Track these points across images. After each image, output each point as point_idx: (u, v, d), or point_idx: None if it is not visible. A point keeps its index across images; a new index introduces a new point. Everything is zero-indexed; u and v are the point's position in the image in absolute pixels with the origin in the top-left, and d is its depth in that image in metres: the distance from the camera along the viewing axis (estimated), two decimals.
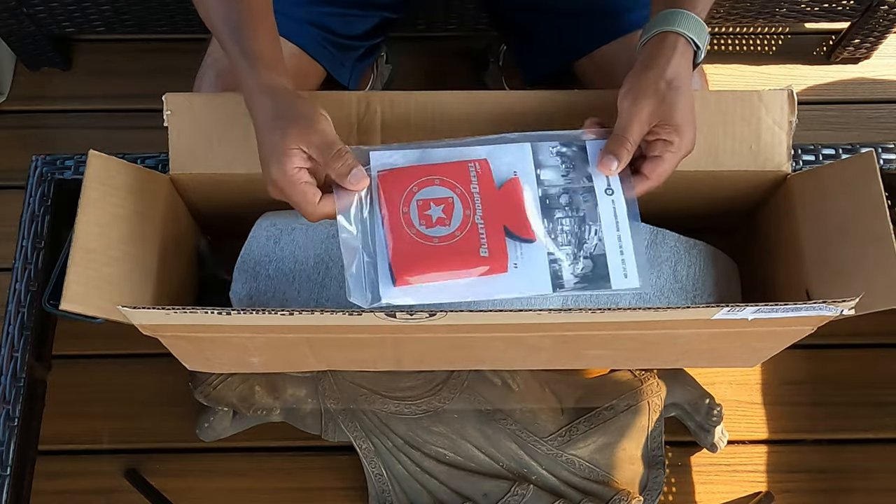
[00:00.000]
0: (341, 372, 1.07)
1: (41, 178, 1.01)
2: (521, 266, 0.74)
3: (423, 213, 0.75)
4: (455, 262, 0.73)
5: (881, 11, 1.46)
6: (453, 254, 0.73)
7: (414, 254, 0.73)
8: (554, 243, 0.75)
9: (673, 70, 0.77)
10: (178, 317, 0.71)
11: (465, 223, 0.75)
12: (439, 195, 0.76)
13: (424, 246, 0.74)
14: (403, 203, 0.75)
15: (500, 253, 0.74)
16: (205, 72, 1.00)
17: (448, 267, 0.73)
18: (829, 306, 0.69)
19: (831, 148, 1.02)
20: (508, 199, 0.76)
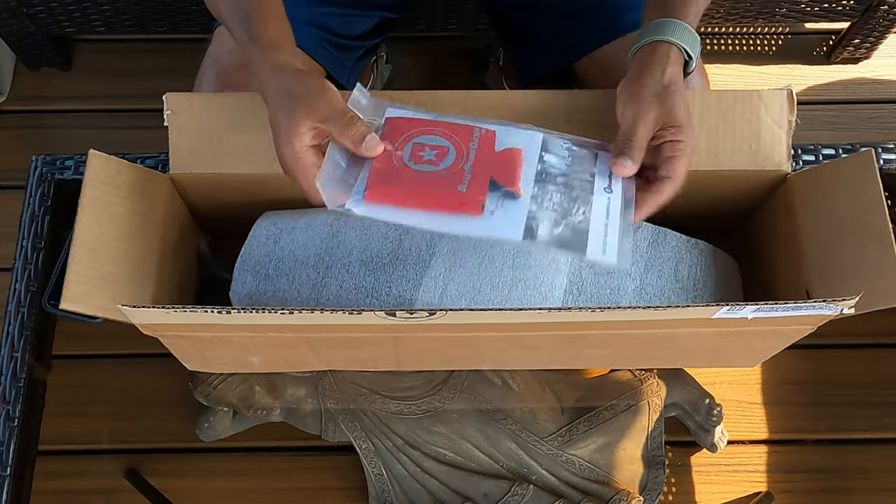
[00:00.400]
0: (341, 372, 1.07)
1: (41, 178, 1.01)
2: (497, 213, 0.73)
3: (416, 153, 0.76)
4: (430, 193, 0.74)
5: (881, 11, 1.47)
6: (431, 185, 0.74)
7: (392, 178, 0.74)
8: (538, 206, 0.74)
9: (668, 76, 0.78)
10: (178, 316, 0.71)
11: (452, 168, 0.75)
12: (436, 143, 0.77)
13: (405, 173, 0.75)
14: (400, 143, 0.77)
15: (478, 193, 0.74)
16: (205, 72, 1.01)
17: (422, 196, 0.74)
18: (828, 305, 0.69)
19: (831, 148, 1.02)
20: (504, 161, 0.77)
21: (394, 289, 0.83)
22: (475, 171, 0.75)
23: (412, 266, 0.84)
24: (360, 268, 0.84)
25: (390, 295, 0.83)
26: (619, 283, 0.86)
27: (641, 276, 0.87)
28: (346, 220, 0.88)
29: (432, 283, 0.83)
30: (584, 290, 0.85)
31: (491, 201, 0.73)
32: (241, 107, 0.86)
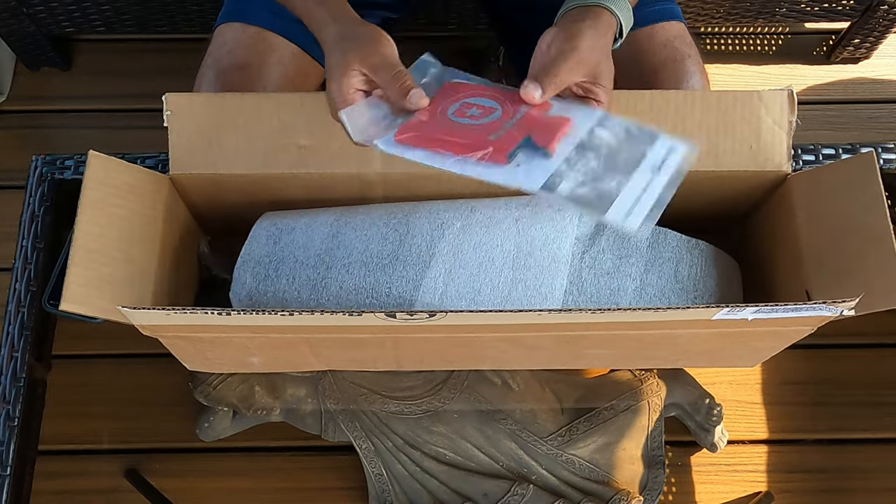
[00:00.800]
0: (341, 372, 1.07)
1: (41, 178, 1.01)
2: (523, 166, 0.73)
3: (462, 110, 0.77)
4: (460, 140, 0.74)
5: (881, 11, 1.47)
6: (463, 134, 0.75)
7: (429, 126, 0.76)
8: (568, 167, 0.73)
9: (605, 42, 0.80)
10: (178, 317, 0.71)
11: (492, 124, 0.76)
12: (485, 103, 0.78)
13: (443, 123, 0.76)
14: (451, 101, 0.78)
15: (507, 144, 0.74)
16: (205, 71, 1.01)
17: (451, 142, 0.74)
18: (829, 307, 0.69)
19: (831, 148, 1.02)
20: (549, 125, 0.76)
21: (394, 289, 0.83)
22: (515, 128, 0.75)
23: (412, 267, 0.84)
24: (360, 268, 0.84)
25: (390, 295, 0.83)
26: (620, 284, 0.86)
27: (641, 276, 0.87)
28: (347, 220, 0.88)
29: (432, 284, 0.83)
30: (584, 290, 0.85)
31: (520, 154, 0.73)
32: (241, 107, 0.86)
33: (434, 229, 0.85)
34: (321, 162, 0.85)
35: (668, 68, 1.00)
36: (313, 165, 0.86)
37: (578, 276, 0.86)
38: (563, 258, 0.85)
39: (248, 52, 1.01)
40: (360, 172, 0.86)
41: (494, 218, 0.86)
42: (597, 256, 0.87)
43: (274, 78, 1.01)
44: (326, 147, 0.85)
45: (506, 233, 0.85)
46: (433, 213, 0.87)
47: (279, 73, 1.02)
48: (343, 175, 0.86)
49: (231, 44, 1.02)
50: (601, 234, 0.88)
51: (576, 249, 0.87)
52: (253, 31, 1.02)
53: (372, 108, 0.78)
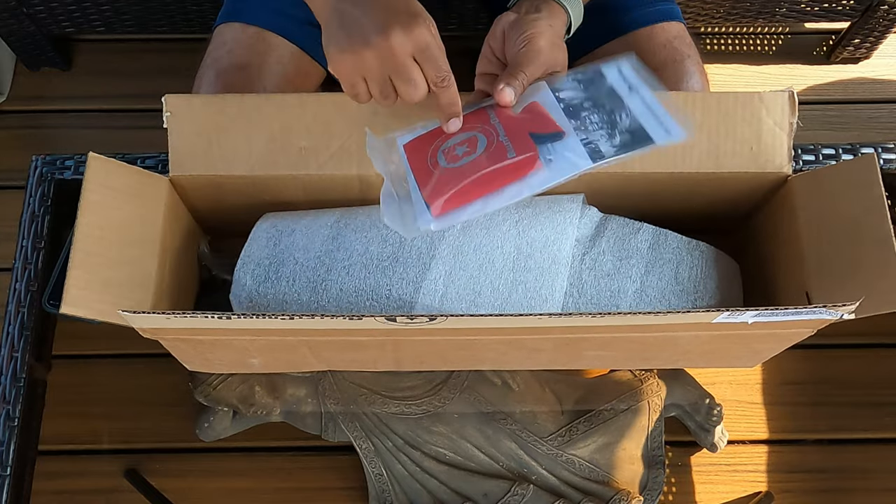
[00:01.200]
0: (341, 372, 1.07)
1: (41, 178, 1.01)
2: (555, 158, 0.74)
3: (449, 155, 0.77)
4: (485, 175, 0.74)
5: (881, 11, 1.47)
6: (481, 168, 0.74)
7: (442, 180, 0.75)
8: (585, 132, 0.76)
9: (558, 34, 0.82)
10: (178, 321, 0.71)
11: (489, 146, 0.76)
12: (462, 137, 0.78)
13: (452, 174, 0.75)
14: (430, 156, 0.77)
15: (527, 151, 0.74)
16: (204, 71, 1.01)
17: (480, 182, 0.74)
18: (829, 311, 0.69)
19: (831, 148, 1.01)
20: (530, 115, 0.78)
21: (394, 291, 0.83)
22: (512, 137, 0.76)
23: (412, 268, 0.84)
24: (360, 270, 0.84)
25: (390, 297, 0.83)
26: (620, 285, 0.86)
27: (642, 277, 0.87)
28: (347, 222, 0.88)
29: (432, 286, 0.83)
30: (584, 292, 0.85)
31: (543, 151, 0.74)
32: (241, 108, 0.86)
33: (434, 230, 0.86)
34: (321, 163, 0.85)
35: (668, 69, 1.00)
36: (313, 166, 0.85)
37: (579, 278, 0.86)
38: (563, 260, 0.85)
39: (247, 52, 1.01)
40: (360, 174, 0.86)
41: (495, 220, 0.86)
42: (597, 258, 0.87)
43: (274, 78, 1.01)
44: (326, 148, 0.85)
45: (506, 234, 0.85)
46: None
47: (279, 73, 1.02)
48: (343, 176, 0.86)
49: (231, 44, 1.01)
50: (601, 235, 0.88)
51: (576, 251, 0.87)
52: (252, 31, 1.02)
53: (390, 202, 0.77)
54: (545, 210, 0.87)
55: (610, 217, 0.91)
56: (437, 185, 0.75)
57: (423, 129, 0.81)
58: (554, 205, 0.88)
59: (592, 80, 0.80)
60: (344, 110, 0.86)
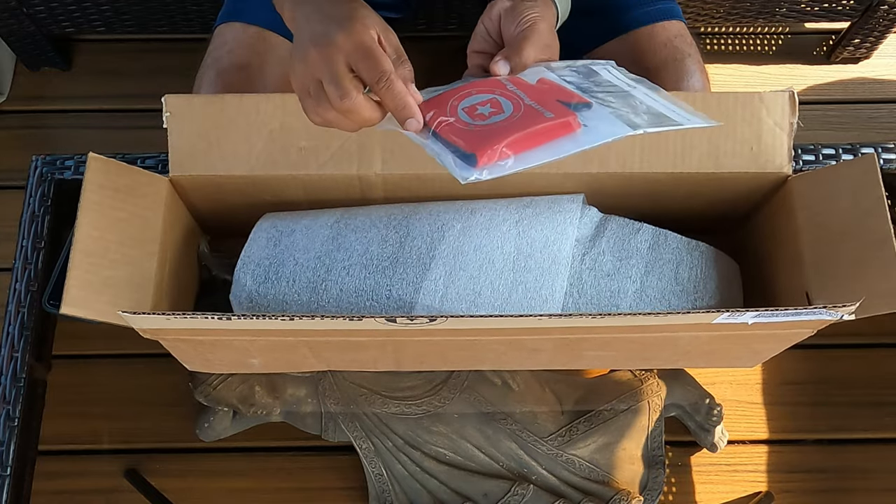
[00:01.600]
0: (341, 372, 1.07)
1: (41, 178, 1.01)
2: (591, 122, 0.72)
3: (474, 113, 0.73)
4: (529, 133, 0.70)
5: (881, 11, 1.47)
6: (523, 126, 0.71)
7: (482, 133, 0.71)
8: (610, 107, 0.74)
9: (550, 21, 0.82)
10: (178, 322, 0.71)
11: (517, 108, 0.73)
12: (482, 98, 0.74)
13: (486, 130, 0.71)
14: (449, 112, 0.73)
15: (565, 113, 0.72)
16: (205, 71, 1.01)
17: (524, 137, 0.70)
18: (829, 311, 0.69)
19: (831, 148, 1.02)
20: (549, 87, 0.76)
21: (394, 291, 0.83)
22: (541, 102, 0.73)
23: (412, 269, 0.84)
24: (360, 270, 0.84)
25: (391, 298, 0.83)
26: (620, 286, 0.86)
27: (642, 278, 0.87)
28: (347, 222, 0.88)
29: (432, 286, 0.83)
30: (584, 292, 0.85)
31: (579, 115, 0.72)
32: (241, 108, 0.86)
33: (434, 231, 0.85)
34: (321, 163, 0.85)
35: (669, 67, 1.00)
36: (313, 166, 0.86)
37: (579, 278, 0.86)
38: (563, 260, 0.85)
39: (248, 52, 1.01)
40: (360, 174, 0.86)
41: (495, 220, 0.86)
42: (597, 258, 0.87)
43: (274, 78, 1.01)
44: (326, 148, 0.85)
45: (506, 235, 0.85)
46: (433, 214, 0.87)
47: (279, 72, 1.02)
48: (343, 176, 0.86)
49: (231, 43, 1.02)
50: (601, 235, 0.88)
51: (576, 251, 0.87)
52: (253, 30, 1.02)
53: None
54: (545, 210, 0.87)
55: (610, 217, 0.91)
56: (476, 137, 0.70)
57: (432, 91, 0.77)
58: (554, 205, 0.88)
59: (588, 72, 0.80)
60: None
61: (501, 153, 0.69)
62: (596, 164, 0.86)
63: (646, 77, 1.00)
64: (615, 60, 0.83)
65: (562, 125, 0.71)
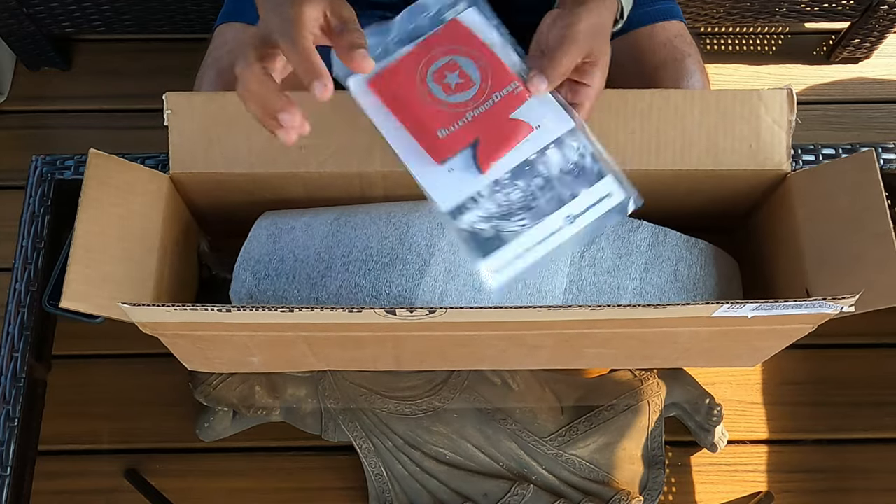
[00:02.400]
0: (341, 372, 1.07)
1: (41, 178, 1.01)
2: (454, 174, 0.73)
3: (442, 72, 0.75)
4: (418, 115, 0.74)
5: (881, 11, 1.47)
6: (424, 109, 0.74)
7: (403, 83, 0.74)
8: (489, 195, 0.73)
9: (605, 21, 0.78)
10: (178, 314, 0.71)
11: (456, 106, 0.74)
12: (468, 72, 0.75)
13: (416, 87, 0.74)
14: (440, 52, 0.75)
15: (454, 145, 0.73)
16: (205, 71, 1.01)
17: (410, 114, 0.74)
18: (829, 303, 0.69)
19: (831, 148, 1.02)
20: (504, 131, 0.75)
21: (394, 288, 0.83)
22: (470, 125, 0.74)
23: (412, 265, 0.84)
24: (360, 267, 0.84)
25: (390, 294, 0.83)
26: (619, 282, 0.86)
27: (641, 275, 0.87)
28: (347, 219, 0.88)
29: (432, 283, 0.83)
30: (583, 289, 0.85)
31: (457, 161, 0.73)
32: (242, 106, 0.85)
33: (434, 228, 0.86)
34: (321, 161, 0.86)
35: (669, 67, 1.00)
36: (314, 164, 0.86)
37: (578, 275, 0.86)
38: (563, 258, 0.85)
39: None
40: (360, 171, 0.86)
41: None
42: (597, 255, 0.87)
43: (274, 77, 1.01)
44: (327, 146, 0.85)
45: None
46: (433, 211, 0.87)
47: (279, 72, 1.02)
48: (343, 174, 0.86)
49: (231, 43, 1.02)
50: (601, 233, 0.88)
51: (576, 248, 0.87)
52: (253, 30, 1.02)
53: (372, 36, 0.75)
54: None
55: None
56: (399, 77, 0.74)
57: (484, 24, 0.77)
58: None
59: (585, 172, 0.76)
60: (344, 107, 0.86)
61: (383, 98, 0.74)
62: None
63: (646, 77, 1.00)
64: (617, 60, 0.83)
65: (435, 147, 0.73)
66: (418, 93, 0.74)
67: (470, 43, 0.76)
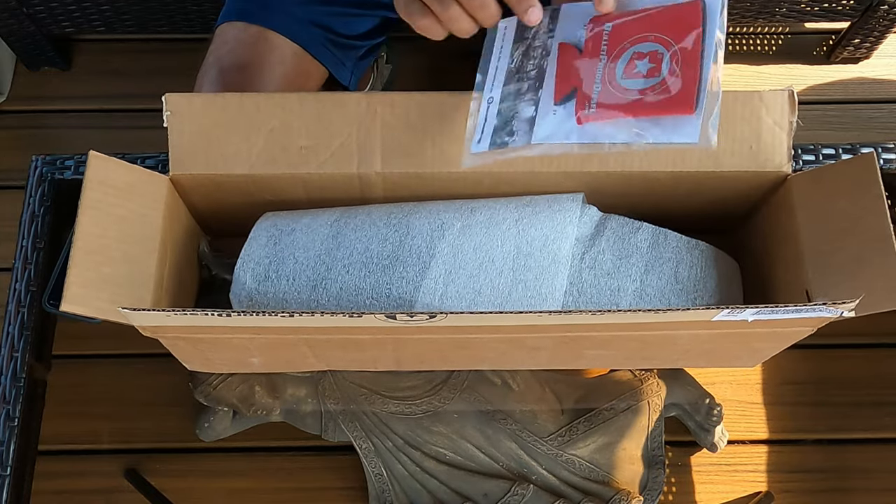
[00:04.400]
0: (341, 372, 1.07)
1: (41, 178, 1.01)
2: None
3: (630, 65, 0.74)
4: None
5: (881, 11, 1.47)
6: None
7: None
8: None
9: None
10: (178, 318, 0.71)
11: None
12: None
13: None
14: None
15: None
16: (206, 71, 1.01)
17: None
18: (829, 308, 0.69)
19: (831, 148, 1.02)
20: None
21: (394, 290, 0.83)
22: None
23: (412, 268, 0.84)
24: (360, 269, 0.84)
25: (390, 296, 0.83)
26: (620, 284, 0.86)
27: (642, 277, 0.87)
28: (347, 221, 0.88)
29: (432, 285, 0.83)
30: (584, 291, 0.85)
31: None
32: (241, 107, 0.86)
33: (434, 230, 0.86)
34: (321, 162, 0.86)
35: None
36: (314, 165, 0.86)
37: (578, 277, 0.86)
38: (563, 259, 0.85)
39: (249, 52, 1.01)
40: (360, 172, 0.86)
41: (494, 219, 0.87)
42: (597, 257, 0.87)
43: (275, 77, 1.01)
44: (327, 147, 0.85)
45: (506, 233, 0.85)
46: (433, 213, 0.87)
47: (280, 72, 1.02)
48: (343, 175, 0.86)
49: (232, 43, 1.02)
50: (601, 234, 0.88)
51: (576, 250, 0.87)
52: (254, 30, 1.02)
53: None
54: (545, 209, 0.87)
55: (609, 216, 0.91)
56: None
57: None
58: (554, 204, 0.88)
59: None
60: (344, 109, 0.86)
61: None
62: (595, 163, 0.86)
63: None
64: None
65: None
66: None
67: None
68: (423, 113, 0.85)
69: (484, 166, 0.81)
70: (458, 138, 0.84)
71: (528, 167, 0.86)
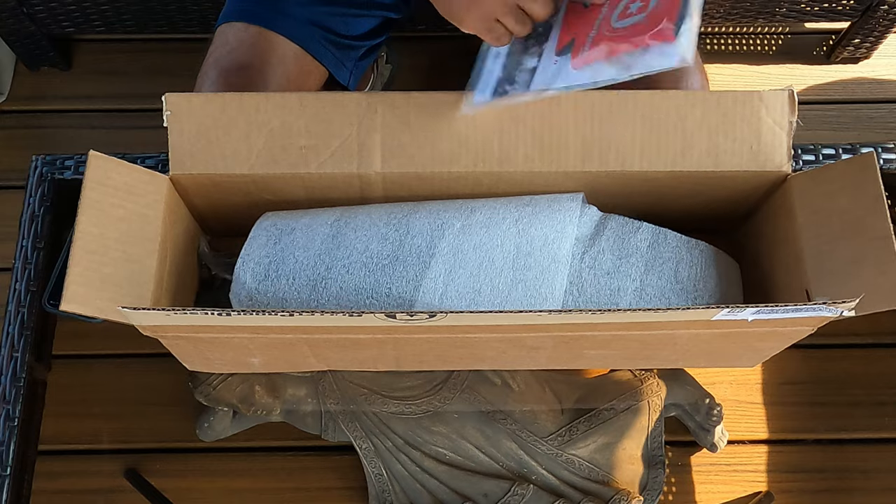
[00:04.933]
0: (341, 372, 1.07)
1: (41, 178, 1.01)
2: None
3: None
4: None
5: (881, 11, 1.47)
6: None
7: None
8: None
9: None
10: (178, 318, 0.71)
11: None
12: None
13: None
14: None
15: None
16: (206, 71, 1.01)
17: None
18: (829, 307, 0.69)
19: (831, 148, 1.02)
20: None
21: (394, 290, 0.83)
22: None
23: (412, 267, 0.84)
24: (360, 269, 0.84)
25: (390, 296, 0.83)
26: (620, 284, 0.86)
27: (642, 276, 0.87)
28: (347, 220, 0.88)
29: (432, 285, 0.83)
30: (583, 290, 0.85)
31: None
32: (241, 107, 0.86)
33: (434, 229, 0.86)
34: (321, 162, 0.86)
35: None
36: (313, 165, 0.86)
37: (578, 277, 0.86)
38: (562, 258, 0.85)
39: (249, 52, 1.01)
40: (360, 172, 0.86)
41: (494, 218, 0.87)
42: (597, 257, 0.87)
43: (275, 77, 1.01)
44: (327, 147, 0.85)
45: (506, 233, 0.85)
46: (433, 213, 0.87)
47: (280, 72, 1.02)
48: (343, 175, 0.86)
49: (232, 43, 1.02)
50: (601, 234, 0.88)
51: (576, 250, 0.87)
52: (254, 30, 1.02)
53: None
54: (545, 209, 0.87)
55: (609, 216, 0.91)
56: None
57: None
58: (554, 203, 0.88)
59: None
60: (344, 109, 0.86)
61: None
62: (595, 162, 0.86)
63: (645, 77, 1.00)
64: None
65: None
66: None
67: None
68: (423, 113, 0.85)
69: (485, 166, 0.82)
70: (458, 138, 0.84)
71: (528, 167, 0.86)
